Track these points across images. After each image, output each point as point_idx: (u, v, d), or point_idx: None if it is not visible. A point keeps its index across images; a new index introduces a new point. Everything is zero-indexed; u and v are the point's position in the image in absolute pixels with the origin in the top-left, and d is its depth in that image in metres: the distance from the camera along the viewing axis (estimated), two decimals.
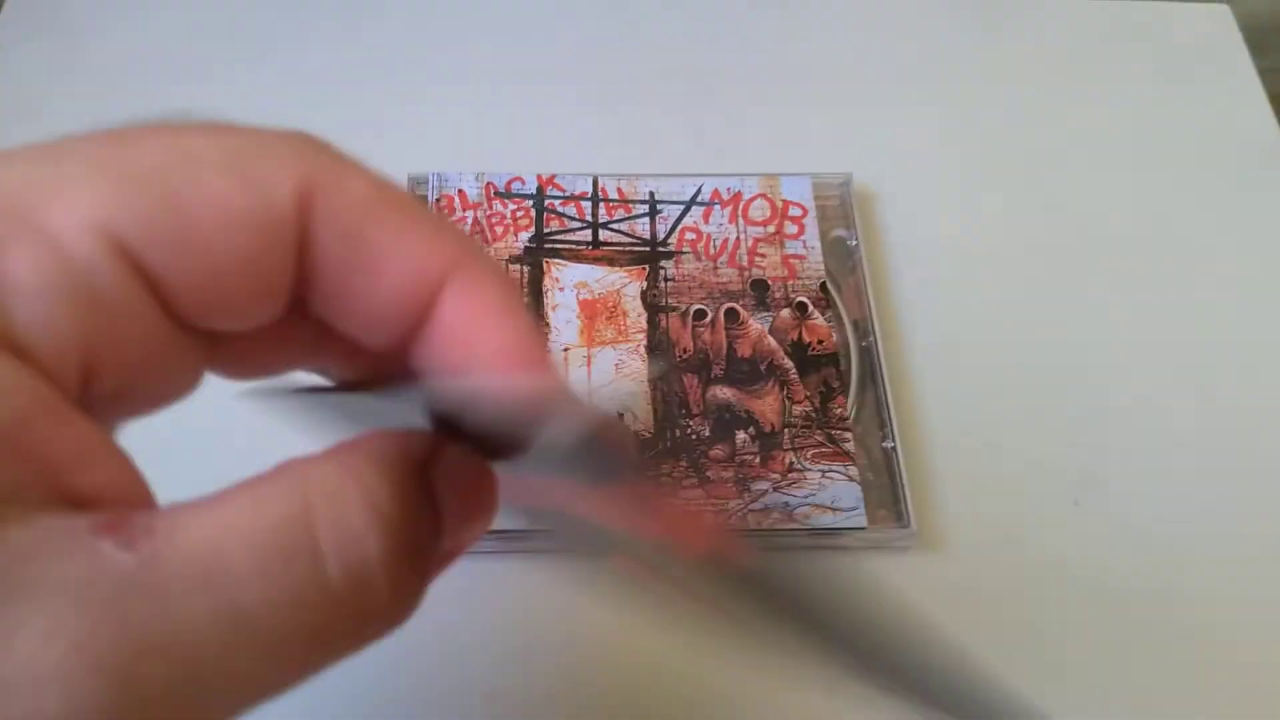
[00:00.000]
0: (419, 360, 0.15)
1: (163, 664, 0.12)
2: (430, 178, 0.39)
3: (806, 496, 0.33)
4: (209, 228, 0.13)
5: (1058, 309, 0.39)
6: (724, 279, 0.37)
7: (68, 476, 0.13)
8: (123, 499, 0.13)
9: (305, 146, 0.14)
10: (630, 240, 0.38)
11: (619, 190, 0.39)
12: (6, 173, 0.13)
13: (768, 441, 0.34)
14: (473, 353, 0.14)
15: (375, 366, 0.16)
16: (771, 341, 0.36)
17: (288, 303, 0.14)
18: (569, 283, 0.37)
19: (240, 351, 0.15)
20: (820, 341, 0.36)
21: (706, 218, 0.39)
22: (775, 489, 0.33)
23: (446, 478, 0.15)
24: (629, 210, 0.39)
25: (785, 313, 0.36)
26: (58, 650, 0.11)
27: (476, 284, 0.14)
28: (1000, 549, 0.34)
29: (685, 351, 0.36)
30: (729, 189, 0.39)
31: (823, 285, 0.37)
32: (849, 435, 0.34)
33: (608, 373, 0.35)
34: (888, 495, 0.33)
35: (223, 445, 0.26)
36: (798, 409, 0.34)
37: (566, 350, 0.35)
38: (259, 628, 0.12)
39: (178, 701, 0.12)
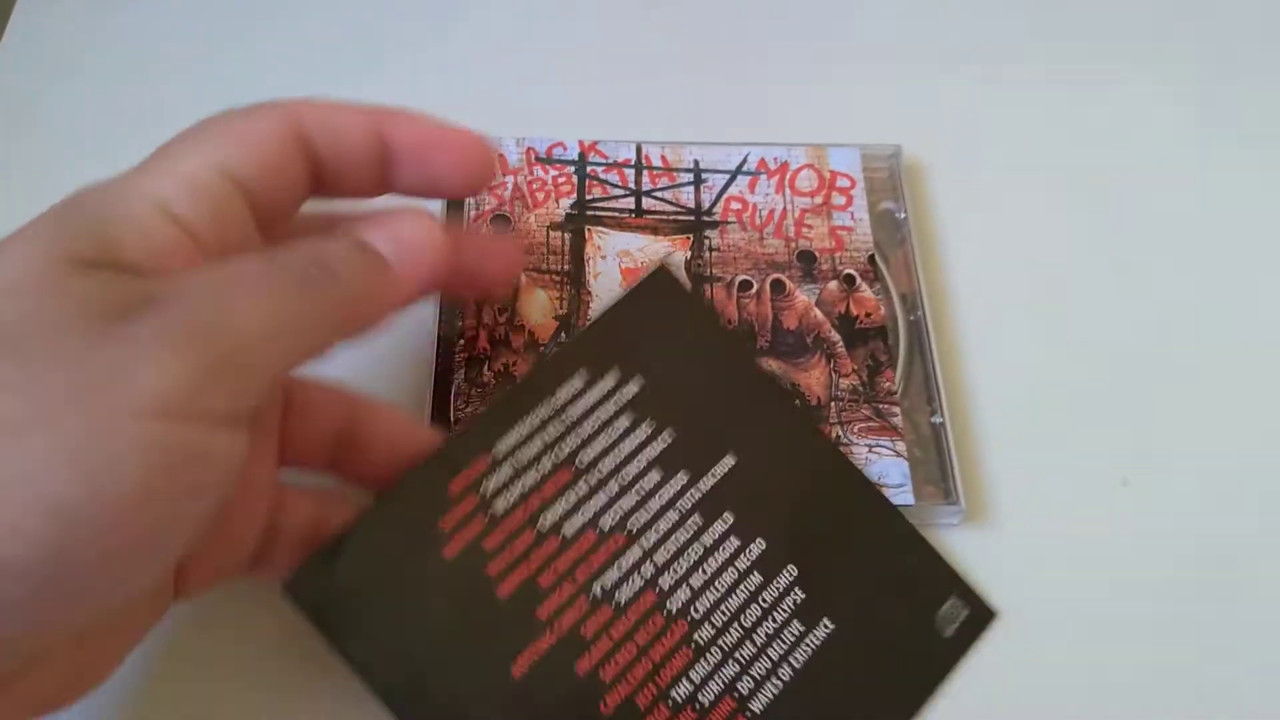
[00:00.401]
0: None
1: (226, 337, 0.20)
2: None
3: None
4: (281, 176, 0.23)
5: (1109, 286, 0.38)
6: (770, 250, 0.36)
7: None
8: None
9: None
10: (674, 209, 0.37)
11: (663, 158, 0.38)
12: (176, 142, 0.23)
13: (814, 415, 0.33)
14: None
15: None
16: (818, 314, 0.35)
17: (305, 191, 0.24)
18: (611, 251, 0.36)
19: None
20: (868, 314, 0.35)
21: (752, 187, 0.38)
22: None
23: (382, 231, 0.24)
24: (673, 179, 0.38)
25: (833, 285, 0.36)
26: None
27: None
28: (1048, 526, 0.33)
29: (730, 323, 0.35)
30: (775, 159, 0.38)
31: (871, 258, 0.36)
32: (896, 410, 0.33)
33: None
34: (935, 471, 0.33)
35: None
36: (845, 382, 0.34)
37: None
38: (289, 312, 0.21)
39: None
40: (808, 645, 0.28)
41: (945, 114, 0.42)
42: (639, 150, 0.39)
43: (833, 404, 0.33)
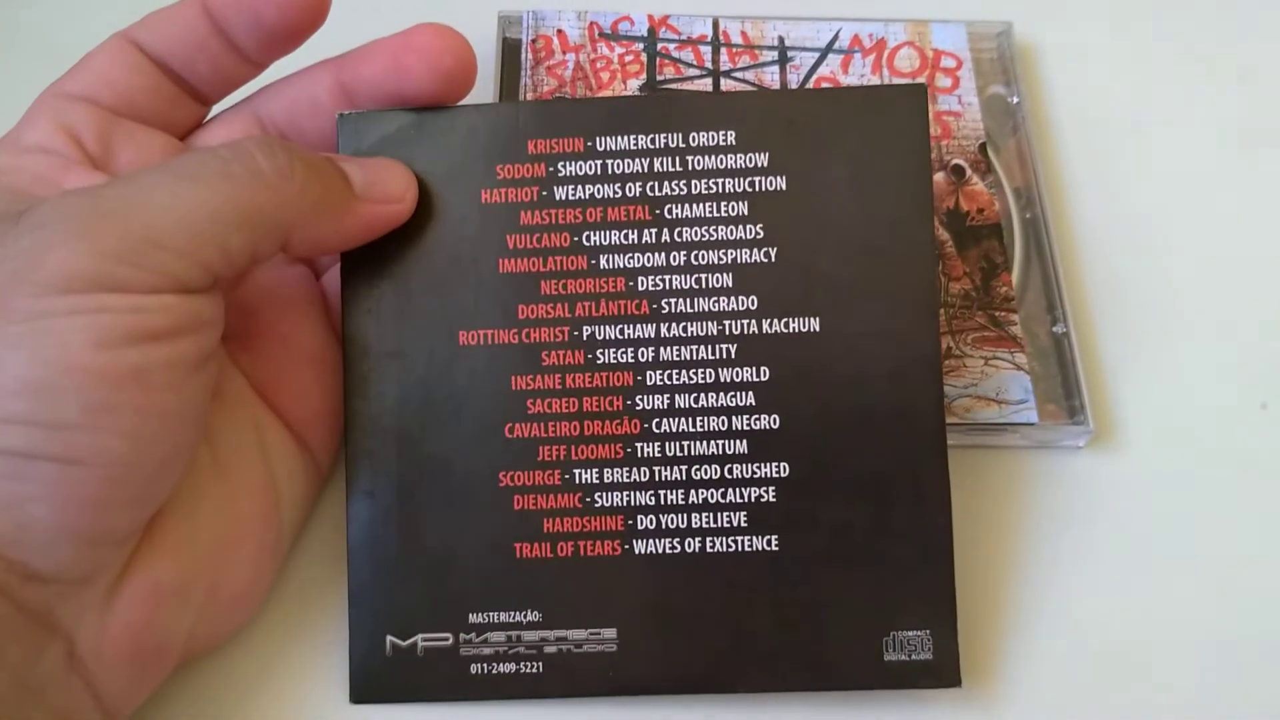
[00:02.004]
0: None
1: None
2: (524, 16, 0.34)
3: (967, 387, 0.28)
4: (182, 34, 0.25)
5: (1250, 185, 0.33)
6: None
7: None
8: None
9: None
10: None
11: (743, 34, 0.34)
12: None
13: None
14: None
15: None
16: None
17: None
18: None
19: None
20: (981, 210, 0.31)
21: (845, 67, 0.33)
22: None
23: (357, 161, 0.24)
24: (755, 57, 0.34)
25: (939, 176, 0.31)
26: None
27: None
28: (1180, 452, 0.29)
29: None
30: (871, 35, 0.34)
31: (982, 146, 0.32)
32: (1015, 318, 0.29)
33: None
34: (1057, 388, 0.29)
35: None
36: (955, 286, 0.30)
37: None
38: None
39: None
40: (733, 548, 0.24)
41: None
42: (716, 25, 0.34)
43: (942, 311, 0.29)
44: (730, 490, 0.25)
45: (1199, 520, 0.28)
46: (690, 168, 0.25)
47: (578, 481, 0.25)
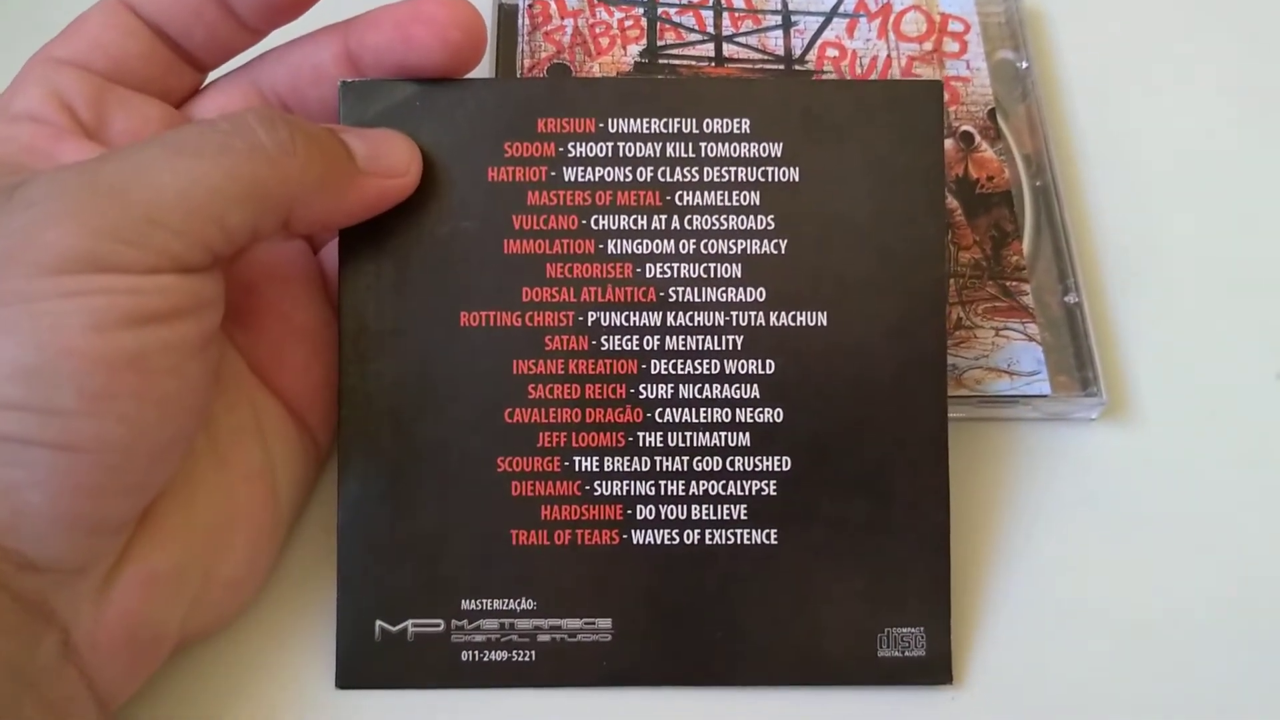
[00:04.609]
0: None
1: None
2: None
3: (978, 358, 0.28)
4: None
5: (1260, 151, 0.33)
6: None
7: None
8: None
9: None
10: (761, 56, 0.32)
11: None
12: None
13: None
14: None
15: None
16: None
17: None
18: None
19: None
20: (990, 178, 0.30)
21: (851, 31, 0.33)
22: None
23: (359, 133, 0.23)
24: (758, 21, 0.33)
25: (948, 143, 0.31)
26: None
27: None
28: (1194, 423, 0.29)
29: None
30: None
31: (991, 112, 0.31)
32: (1026, 287, 0.29)
33: None
34: (1069, 358, 0.28)
35: None
36: (965, 256, 0.29)
37: None
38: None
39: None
40: (732, 541, 0.24)
41: None
42: None
43: (952, 281, 0.29)
44: (731, 483, 0.24)
45: (1214, 492, 0.28)
46: (703, 154, 0.24)
47: (577, 469, 0.24)
